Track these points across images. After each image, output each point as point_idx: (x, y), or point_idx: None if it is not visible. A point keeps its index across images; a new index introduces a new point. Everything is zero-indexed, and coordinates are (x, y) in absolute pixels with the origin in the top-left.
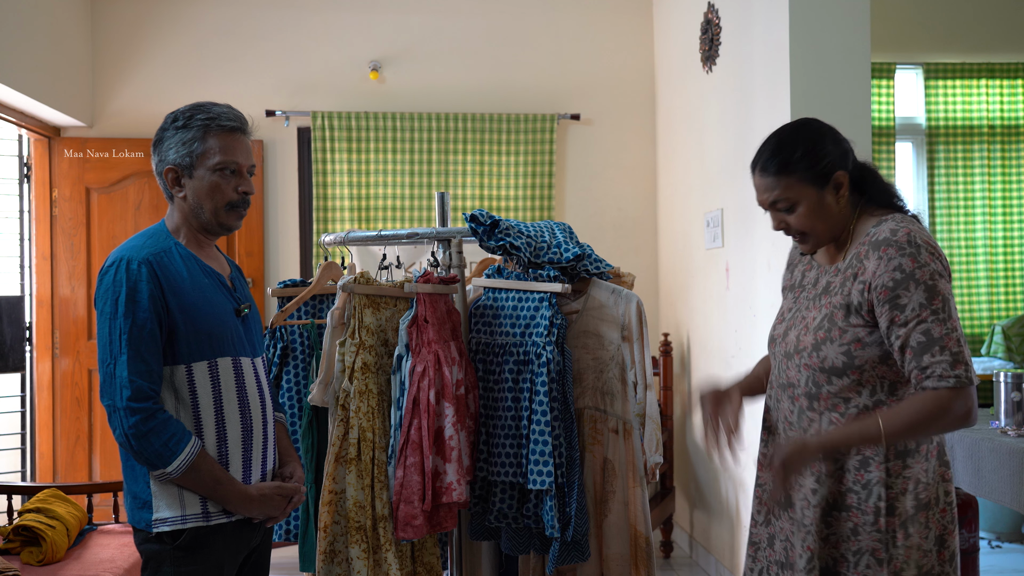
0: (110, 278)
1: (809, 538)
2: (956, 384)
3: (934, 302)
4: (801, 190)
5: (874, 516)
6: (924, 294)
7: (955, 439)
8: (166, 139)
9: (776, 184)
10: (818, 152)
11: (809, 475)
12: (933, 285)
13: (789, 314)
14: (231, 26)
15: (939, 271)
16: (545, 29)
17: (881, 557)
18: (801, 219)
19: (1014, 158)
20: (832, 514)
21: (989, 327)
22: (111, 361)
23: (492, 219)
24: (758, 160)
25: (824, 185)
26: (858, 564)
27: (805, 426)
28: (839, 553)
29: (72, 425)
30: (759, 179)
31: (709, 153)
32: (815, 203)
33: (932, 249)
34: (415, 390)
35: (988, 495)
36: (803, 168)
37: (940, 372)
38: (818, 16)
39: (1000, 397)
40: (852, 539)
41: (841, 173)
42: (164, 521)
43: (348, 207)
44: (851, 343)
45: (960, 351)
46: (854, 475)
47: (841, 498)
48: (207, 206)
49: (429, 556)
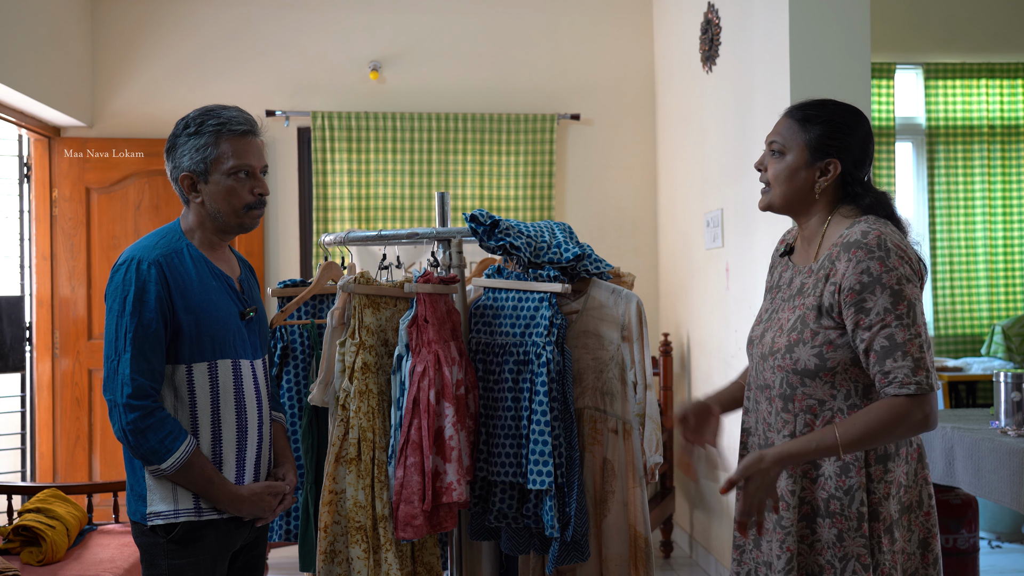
0: (120, 276)
1: (789, 539)
2: (916, 391)
3: (899, 307)
4: (798, 146)
5: (857, 522)
6: (890, 298)
7: (955, 439)
8: (179, 146)
9: (787, 128)
10: (836, 132)
11: (786, 476)
12: (899, 290)
13: (766, 315)
14: (231, 26)
15: (906, 276)
16: (545, 29)
17: (867, 563)
18: (776, 168)
19: (1014, 158)
20: (816, 520)
21: (989, 327)
22: (115, 358)
23: (492, 219)
24: (795, 105)
25: (816, 160)
26: (844, 571)
27: (779, 427)
28: (824, 560)
29: (72, 425)
30: (783, 118)
31: (709, 153)
32: (795, 167)
33: (902, 253)
34: (415, 390)
35: (988, 495)
36: (815, 132)
37: (901, 378)
38: (818, 16)
39: (1000, 397)
40: (837, 545)
41: (835, 162)
42: (158, 515)
43: (348, 207)
44: (823, 345)
45: (922, 357)
46: (836, 481)
47: (824, 504)
48: (225, 210)
49: (429, 556)
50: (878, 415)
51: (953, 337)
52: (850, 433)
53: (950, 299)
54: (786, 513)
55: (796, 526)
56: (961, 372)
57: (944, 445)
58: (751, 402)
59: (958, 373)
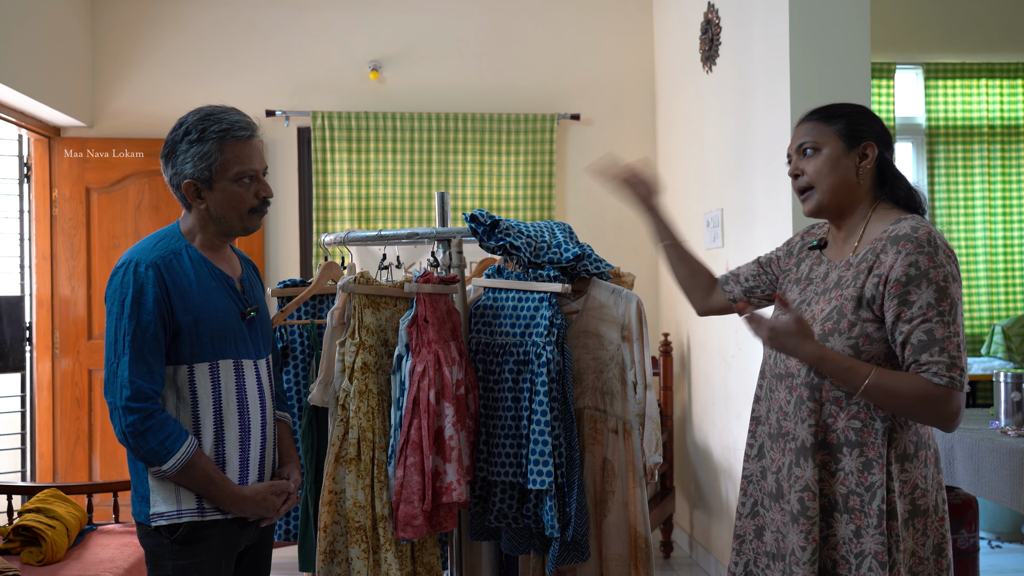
0: (119, 279)
1: (815, 530)
2: (949, 384)
3: (942, 303)
4: (830, 139)
5: (878, 519)
6: (934, 294)
7: (955, 439)
8: (179, 152)
9: (813, 129)
10: (861, 119)
11: (811, 467)
12: (945, 287)
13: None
14: (231, 26)
15: (953, 274)
16: (545, 29)
17: (884, 560)
18: (816, 167)
19: (1014, 158)
20: (833, 515)
21: (989, 327)
22: (115, 361)
23: (492, 219)
24: (807, 112)
25: (853, 146)
26: (860, 567)
27: (804, 416)
28: (839, 555)
29: (72, 425)
30: (800, 126)
31: (709, 153)
32: (835, 156)
33: (949, 252)
34: (415, 390)
35: (988, 495)
36: (842, 123)
37: (936, 371)
38: (818, 16)
39: (1000, 397)
40: (854, 541)
41: (871, 144)
42: (161, 515)
43: (348, 207)
44: (859, 337)
45: (958, 356)
46: (857, 477)
47: (843, 500)
48: (231, 215)
49: (429, 556)
50: (913, 385)
51: None
52: (880, 384)
53: None
54: (812, 503)
55: (819, 517)
56: None
57: (944, 445)
58: (764, 390)
59: None
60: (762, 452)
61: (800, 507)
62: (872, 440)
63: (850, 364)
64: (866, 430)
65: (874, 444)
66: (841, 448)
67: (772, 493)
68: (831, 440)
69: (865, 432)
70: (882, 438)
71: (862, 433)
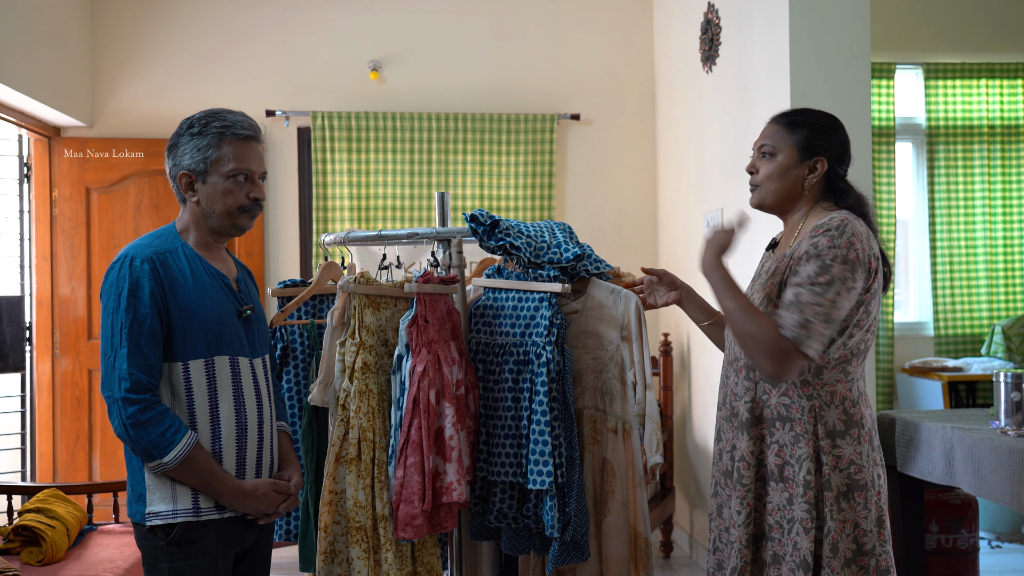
0: (114, 274)
1: (749, 495)
2: (792, 338)
3: (820, 276)
4: (787, 148)
5: (803, 488)
6: (816, 267)
7: (955, 439)
8: (181, 144)
9: (776, 132)
10: (821, 134)
11: (747, 439)
12: (829, 265)
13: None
14: (231, 26)
15: (845, 257)
16: (545, 29)
17: (808, 527)
18: (768, 171)
19: (1014, 158)
20: (769, 484)
21: (989, 327)
22: (112, 354)
23: (492, 219)
24: (778, 114)
25: (805, 159)
26: (790, 531)
27: (741, 393)
28: (774, 520)
29: (72, 425)
30: (768, 125)
31: (709, 153)
32: (786, 166)
33: (856, 239)
34: (415, 390)
35: (988, 495)
36: (802, 134)
37: (785, 323)
38: (818, 16)
39: (1000, 397)
40: (787, 508)
41: (822, 160)
42: (157, 515)
43: (348, 207)
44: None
45: (815, 323)
46: (789, 449)
47: (779, 470)
48: (219, 210)
49: (429, 556)
50: (762, 325)
51: (953, 337)
52: (740, 308)
53: (950, 299)
54: (747, 472)
55: (754, 485)
56: (961, 372)
57: (944, 445)
58: (722, 378)
59: (958, 373)
60: (719, 435)
61: (737, 475)
62: (799, 416)
63: (730, 284)
64: (793, 406)
65: (801, 420)
66: (775, 423)
67: (727, 471)
68: (766, 415)
69: (792, 408)
70: (808, 415)
71: (790, 409)
